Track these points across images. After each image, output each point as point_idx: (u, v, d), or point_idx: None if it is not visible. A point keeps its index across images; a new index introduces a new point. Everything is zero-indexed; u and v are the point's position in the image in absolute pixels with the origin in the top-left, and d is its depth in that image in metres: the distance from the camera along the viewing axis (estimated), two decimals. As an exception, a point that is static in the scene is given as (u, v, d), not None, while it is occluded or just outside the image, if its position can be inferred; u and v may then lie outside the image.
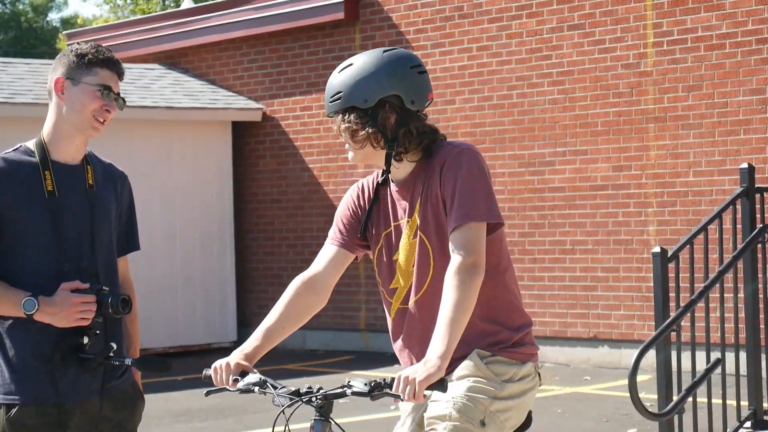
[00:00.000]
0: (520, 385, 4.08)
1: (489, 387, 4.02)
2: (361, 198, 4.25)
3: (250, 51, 16.39)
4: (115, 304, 4.25)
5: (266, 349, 4.12)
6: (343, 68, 4.10)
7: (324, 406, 3.77)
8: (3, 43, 53.89)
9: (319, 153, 15.67)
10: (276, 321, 4.15)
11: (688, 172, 12.62)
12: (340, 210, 4.29)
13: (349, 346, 15.28)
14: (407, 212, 4.13)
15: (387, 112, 4.06)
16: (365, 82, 4.05)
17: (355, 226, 4.23)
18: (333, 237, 4.25)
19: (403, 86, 4.06)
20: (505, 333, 4.10)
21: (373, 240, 4.22)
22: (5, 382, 4.29)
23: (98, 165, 4.47)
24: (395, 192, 4.17)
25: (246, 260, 16.46)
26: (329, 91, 4.11)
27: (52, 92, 4.36)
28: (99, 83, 4.31)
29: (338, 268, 4.25)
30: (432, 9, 14.48)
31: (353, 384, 3.76)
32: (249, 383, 3.90)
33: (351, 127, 4.06)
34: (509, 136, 13.86)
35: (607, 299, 13.17)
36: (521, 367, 4.09)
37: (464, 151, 4.05)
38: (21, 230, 4.27)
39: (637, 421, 9.76)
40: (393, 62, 4.08)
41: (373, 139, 4.06)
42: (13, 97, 14.69)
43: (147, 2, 36.95)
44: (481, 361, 4.05)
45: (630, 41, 12.96)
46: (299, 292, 4.20)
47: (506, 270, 4.15)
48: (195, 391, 12.08)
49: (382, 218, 4.20)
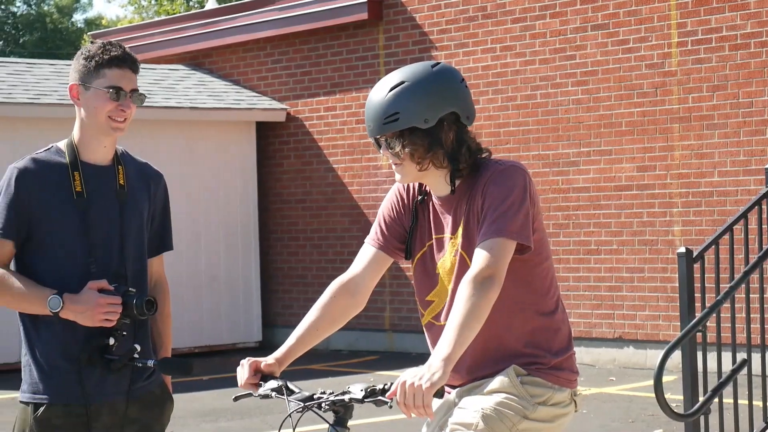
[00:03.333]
0: (553, 410, 3.99)
1: (519, 405, 3.93)
2: (406, 199, 4.13)
3: (274, 51, 16.41)
4: (140, 306, 4.24)
5: (299, 352, 4.06)
6: (394, 86, 3.90)
7: (339, 413, 3.74)
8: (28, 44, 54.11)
9: (344, 153, 15.67)
10: (311, 324, 4.08)
11: (713, 172, 12.58)
12: (383, 210, 4.16)
13: (373, 346, 15.28)
14: (451, 228, 4.02)
15: (446, 130, 3.92)
16: (423, 100, 3.87)
17: (396, 229, 4.12)
18: (373, 238, 4.14)
19: (458, 102, 3.93)
20: (544, 355, 4.00)
21: (414, 248, 4.11)
22: (33, 381, 4.31)
23: (131, 164, 4.45)
24: (438, 205, 4.06)
25: (270, 260, 16.48)
26: (379, 110, 3.90)
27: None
28: (108, 85, 4.27)
29: (377, 271, 4.14)
30: (455, 9, 14.47)
31: (351, 390, 3.70)
32: (268, 388, 3.89)
33: (415, 148, 3.89)
34: (533, 137, 13.84)
35: (632, 300, 13.14)
36: (557, 392, 4.00)
37: (509, 168, 3.93)
38: (49, 231, 4.28)
39: (663, 422, 9.73)
40: (446, 77, 3.92)
41: (435, 160, 3.93)
42: (39, 97, 14.75)
43: (171, 3, 37.04)
44: (516, 378, 3.95)
45: (654, 41, 12.92)
46: (336, 295, 4.10)
47: (550, 294, 4.04)
48: (220, 391, 12.10)
49: (425, 228, 4.09)
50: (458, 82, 3.96)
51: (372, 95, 3.97)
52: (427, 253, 4.09)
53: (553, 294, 4.05)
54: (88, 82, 4.28)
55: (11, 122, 14.39)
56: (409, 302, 14.78)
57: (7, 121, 14.37)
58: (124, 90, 4.28)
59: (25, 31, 55.69)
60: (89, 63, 4.28)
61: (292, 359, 4.04)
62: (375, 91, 3.96)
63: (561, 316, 4.07)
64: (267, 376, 3.96)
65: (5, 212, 4.26)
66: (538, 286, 4.01)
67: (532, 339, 4.00)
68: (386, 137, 3.93)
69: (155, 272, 4.53)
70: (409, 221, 4.11)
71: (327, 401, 3.71)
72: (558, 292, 4.09)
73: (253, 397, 3.96)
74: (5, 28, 56.06)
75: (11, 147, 13.95)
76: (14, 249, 4.29)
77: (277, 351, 4.04)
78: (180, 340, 14.97)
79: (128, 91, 4.30)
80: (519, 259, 3.94)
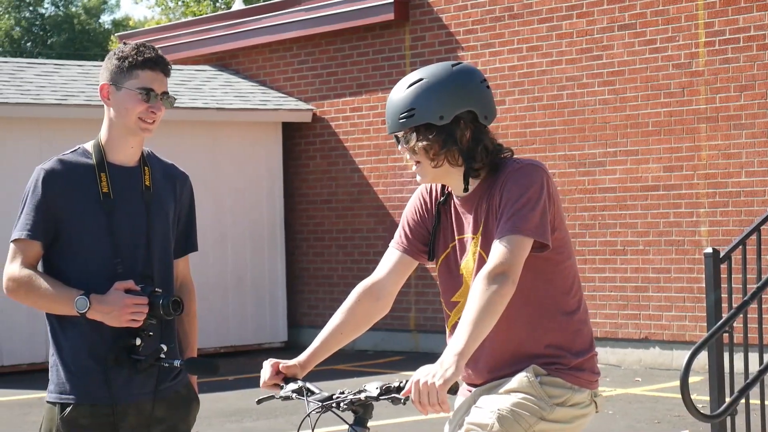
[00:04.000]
0: (571, 411, 3.97)
1: (536, 406, 3.91)
2: (429, 202, 4.13)
3: (300, 52, 16.44)
4: (167, 306, 4.25)
5: (324, 355, 4.07)
6: (412, 83, 3.95)
7: (359, 413, 3.74)
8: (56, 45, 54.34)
9: (369, 154, 15.68)
10: (335, 327, 4.09)
11: (740, 173, 12.53)
12: (406, 213, 4.17)
13: (399, 347, 15.28)
14: (472, 228, 4.02)
15: (462, 129, 3.94)
16: (440, 97, 3.90)
17: (420, 232, 4.12)
18: (398, 242, 4.14)
19: (476, 101, 3.94)
20: (565, 355, 3.98)
21: (438, 249, 4.11)
22: (60, 381, 4.33)
23: (157, 165, 4.47)
24: (459, 205, 4.06)
25: (296, 261, 16.51)
26: (396, 106, 3.95)
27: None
28: (140, 86, 4.29)
29: (402, 275, 4.14)
30: (482, 9, 14.45)
31: (367, 388, 3.71)
32: (288, 390, 3.89)
33: (429, 144, 3.91)
34: (560, 137, 13.81)
35: (659, 300, 13.10)
36: (576, 393, 3.98)
37: (526, 166, 3.93)
38: (76, 232, 4.30)
39: (689, 423, 9.70)
40: (465, 77, 3.95)
41: (450, 157, 3.94)
42: (66, 98, 14.81)
43: (198, 4, 37.13)
44: (535, 378, 3.94)
45: (681, 41, 12.88)
46: (360, 299, 4.10)
47: (572, 293, 4.03)
48: (245, 391, 12.13)
49: (448, 229, 4.09)
50: (478, 82, 3.97)
51: (392, 92, 4.03)
52: (450, 255, 4.09)
53: (575, 293, 4.04)
54: (120, 82, 4.30)
55: (39, 123, 14.46)
56: (434, 303, 14.78)
57: (34, 122, 14.44)
58: (155, 92, 4.31)
59: (53, 33, 55.92)
60: (122, 63, 4.30)
61: (317, 362, 4.05)
62: (395, 88, 4.02)
63: (583, 317, 4.06)
64: (289, 377, 3.97)
65: (33, 213, 4.28)
66: (560, 285, 4.00)
67: (554, 339, 3.99)
68: (404, 133, 3.96)
69: (181, 273, 4.54)
70: (433, 223, 4.11)
71: (344, 401, 3.71)
72: (580, 292, 4.08)
73: (275, 399, 3.98)
74: (33, 29, 56.32)
75: (39, 148, 14.02)
76: (42, 250, 4.31)
77: (301, 354, 4.06)
78: (206, 340, 15.01)
79: (159, 94, 4.32)
80: (540, 258, 3.93)
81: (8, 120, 14.32)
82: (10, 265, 4.30)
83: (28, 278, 4.26)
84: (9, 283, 4.30)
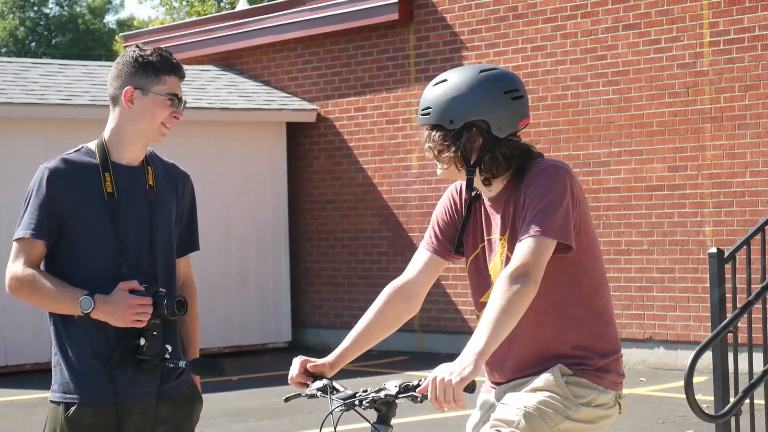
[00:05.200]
0: (596, 411, 3.98)
1: (562, 405, 3.92)
2: (459, 203, 4.14)
3: (304, 52, 16.44)
4: (171, 306, 4.26)
5: (353, 355, 4.08)
6: (438, 83, 4.00)
7: (382, 411, 3.75)
8: (61, 45, 54.40)
9: (374, 154, 15.68)
10: (365, 328, 4.11)
11: (744, 173, 12.52)
12: (436, 213, 4.18)
13: (403, 347, 15.28)
14: (500, 229, 4.02)
15: (473, 136, 3.94)
16: (454, 102, 3.93)
17: (450, 232, 4.13)
18: (428, 242, 4.15)
19: (491, 112, 3.93)
20: (591, 356, 3.99)
21: (468, 249, 4.12)
22: (64, 381, 4.33)
23: (159, 165, 4.47)
24: (488, 206, 4.07)
25: (300, 261, 16.51)
26: (422, 103, 4.01)
27: (119, 99, 4.32)
28: (168, 92, 4.30)
29: (431, 275, 4.15)
30: (486, 9, 14.45)
31: (387, 386, 3.73)
32: (314, 388, 3.92)
33: (435, 146, 3.96)
34: (564, 137, 13.81)
35: (663, 300, 13.10)
36: (601, 394, 3.98)
37: (549, 167, 3.93)
38: (80, 231, 4.29)
39: (693, 423, 9.70)
40: (486, 85, 3.94)
41: (456, 161, 3.96)
42: (71, 98, 14.82)
43: (202, 4, 37.14)
44: (561, 377, 3.95)
45: (686, 41, 12.87)
46: (390, 300, 4.12)
47: (599, 294, 4.03)
48: (250, 391, 12.13)
49: (478, 229, 4.10)
50: (500, 92, 3.95)
51: (426, 87, 4.09)
52: (480, 255, 4.10)
53: (602, 294, 4.05)
54: (147, 87, 4.29)
55: (43, 123, 14.47)
56: (438, 303, 14.78)
57: (39, 121, 14.45)
58: (179, 98, 4.33)
59: (58, 33, 55.98)
60: (148, 68, 4.29)
61: (346, 362, 4.07)
62: (429, 83, 4.07)
63: (609, 318, 4.06)
64: (316, 376, 3.99)
65: (36, 212, 4.28)
66: (586, 286, 4.00)
67: (580, 340, 4.00)
68: (426, 127, 4.01)
69: (182, 272, 4.55)
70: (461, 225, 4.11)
71: (366, 399, 3.73)
72: (608, 294, 4.08)
73: (301, 397, 3.99)
74: (38, 29, 56.37)
75: (43, 148, 14.03)
76: (45, 249, 4.31)
77: (331, 354, 4.08)
78: (210, 340, 15.02)
79: (182, 100, 4.36)
80: (566, 259, 3.94)
81: (13, 120, 14.34)
82: (14, 264, 4.29)
83: (32, 277, 4.26)
84: (12, 282, 4.29)
